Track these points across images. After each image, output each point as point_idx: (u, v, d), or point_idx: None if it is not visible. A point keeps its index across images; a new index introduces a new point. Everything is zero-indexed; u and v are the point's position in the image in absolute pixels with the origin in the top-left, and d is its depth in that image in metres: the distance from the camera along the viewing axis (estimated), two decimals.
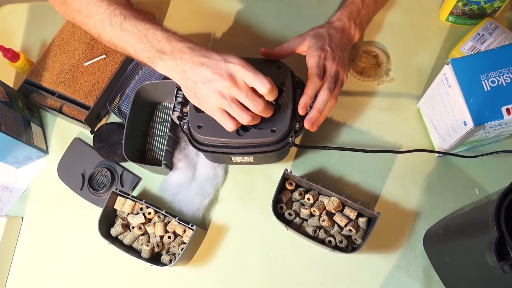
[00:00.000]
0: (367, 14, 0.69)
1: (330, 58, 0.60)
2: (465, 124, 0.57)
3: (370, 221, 0.62)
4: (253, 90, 0.54)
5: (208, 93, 0.53)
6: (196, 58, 0.53)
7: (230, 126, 0.55)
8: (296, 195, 0.65)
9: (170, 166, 0.68)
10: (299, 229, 0.63)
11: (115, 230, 0.65)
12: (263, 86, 0.52)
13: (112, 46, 0.60)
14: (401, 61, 0.75)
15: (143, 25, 0.56)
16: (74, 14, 0.62)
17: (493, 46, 0.69)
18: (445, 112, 0.61)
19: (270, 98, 0.55)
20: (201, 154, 0.68)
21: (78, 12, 0.61)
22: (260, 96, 0.54)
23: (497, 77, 0.56)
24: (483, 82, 0.56)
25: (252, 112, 0.55)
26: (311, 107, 0.59)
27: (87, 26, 0.61)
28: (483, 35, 0.70)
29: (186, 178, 0.68)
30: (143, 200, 0.65)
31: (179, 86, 0.63)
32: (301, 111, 0.59)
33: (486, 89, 0.56)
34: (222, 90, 0.53)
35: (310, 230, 0.62)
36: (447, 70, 0.58)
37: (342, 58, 0.62)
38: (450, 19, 0.75)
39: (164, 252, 0.65)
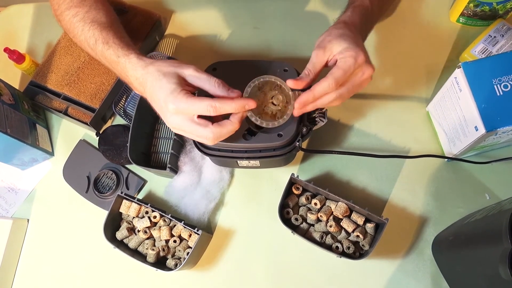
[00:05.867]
0: (372, 21, 0.64)
1: (369, 65, 0.53)
2: (477, 130, 0.56)
3: (378, 227, 0.62)
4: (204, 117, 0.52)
5: (165, 122, 0.54)
6: (146, 93, 0.53)
7: (209, 141, 0.53)
8: (303, 199, 0.64)
9: (175, 169, 0.67)
10: (306, 234, 0.63)
11: (121, 234, 0.65)
12: (207, 112, 0.49)
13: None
14: (410, 62, 0.74)
15: (107, 51, 0.57)
16: (66, 32, 0.65)
17: (505, 48, 0.68)
18: (456, 116, 0.60)
19: (229, 111, 0.51)
20: (206, 157, 0.67)
21: (68, 31, 0.64)
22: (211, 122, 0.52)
23: (509, 82, 0.55)
24: (495, 86, 0.55)
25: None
26: None
27: (77, 44, 0.64)
28: (495, 37, 0.69)
29: (191, 182, 0.67)
30: (149, 204, 0.65)
31: None
32: (297, 106, 0.54)
33: (498, 94, 0.55)
34: (171, 125, 0.53)
35: (317, 236, 0.61)
36: (459, 74, 0.57)
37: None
38: (461, 20, 0.74)
39: (169, 256, 0.64)
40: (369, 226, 0.61)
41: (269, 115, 0.56)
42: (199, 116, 0.51)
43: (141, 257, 0.64)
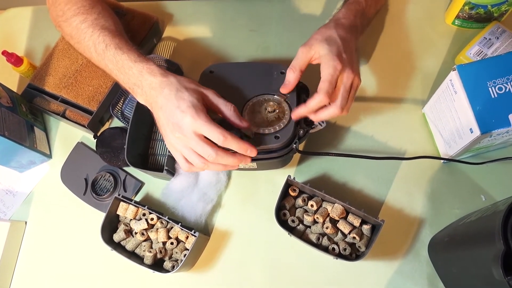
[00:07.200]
0: (369, 16, 0.68)
1: (349, 69, 0.56)
2: (472, 132, 0.56)
3: (374, 228, 0.62)
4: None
5: (165, 135, 0.55)
6: (159, 97, 0.54)
7: (184, 167, 0.56)
8: (299, 201, 0.64)
9: (172, 172, 0.67)
10: (302, 236, 0.63)
11: (118, 236, 0.65)
12: (217, 139, 0.51)
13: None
14: (406, 65, 0.74)
15: (121, 56, 0.57)
16: (68, 38, 0.65)
17: (500, 50, 0.68)
18: (451, 118, 0.61)
19: (233, 147, 0.53)
20: None
21: (71, 37, 0.64)
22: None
23: (504, 84, 0.55)
24: (490, 89, 0.56)
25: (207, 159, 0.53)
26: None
27: (80, 50, 0.64)
28: (490, 39, 0.69)
29: (188, 184, 0.67)
30: (146, 206, 0.65)
31: None
32: (293, 116, 0.59)
33: (493, 96, 0.55)
34: (173, 138, 0.54)
35: (313, 237, 0.62)
36: (454, 76, 0.57)
37: (357, 64, 0.58)
38: (456, 23, 0.74)
39: (166, 258, 0.64)
40: (366, 228, 0.61)
41: (270, 123, 0.60)
42: None
43: (138, 259, 0.64)
